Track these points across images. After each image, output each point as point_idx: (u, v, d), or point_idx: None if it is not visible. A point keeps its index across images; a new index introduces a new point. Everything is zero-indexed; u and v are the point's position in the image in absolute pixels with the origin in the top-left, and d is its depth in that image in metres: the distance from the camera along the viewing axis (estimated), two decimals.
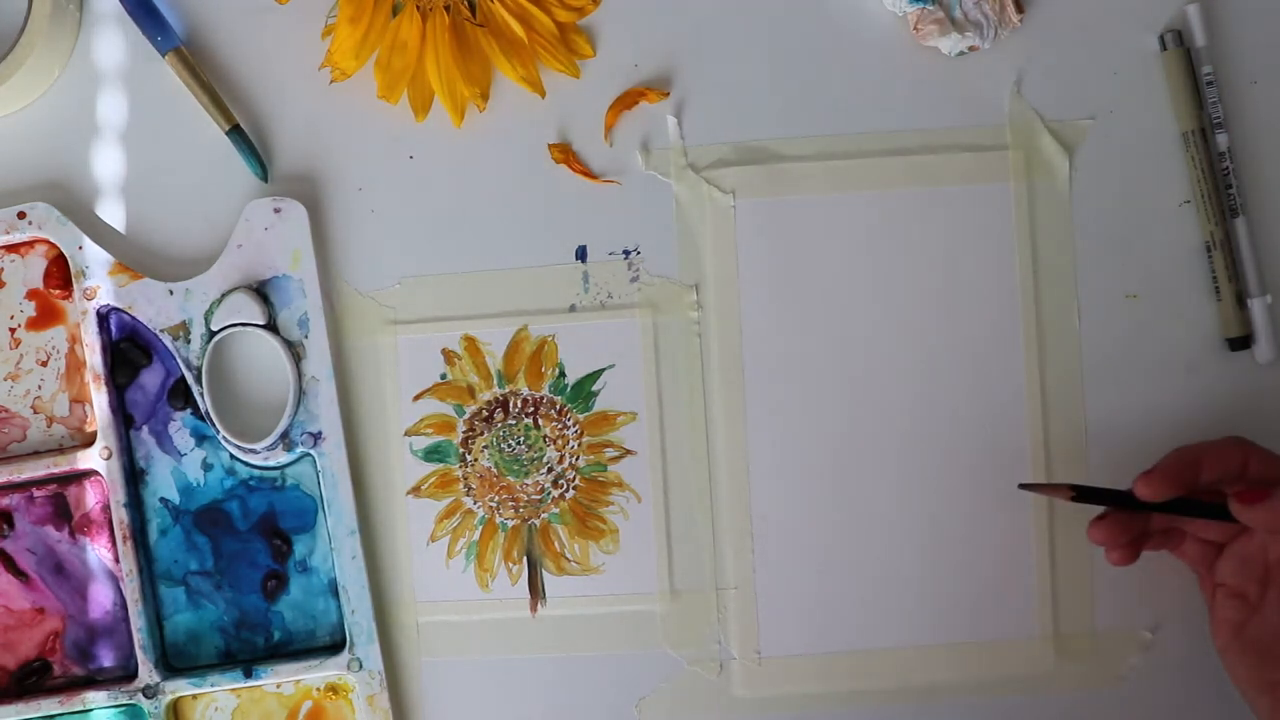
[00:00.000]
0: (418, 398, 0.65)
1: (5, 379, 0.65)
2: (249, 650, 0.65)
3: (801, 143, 0.65)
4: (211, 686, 0.63)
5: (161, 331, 0.64)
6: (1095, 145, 0.65)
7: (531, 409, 0.65)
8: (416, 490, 0.65)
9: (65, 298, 0.65)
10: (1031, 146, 0.65)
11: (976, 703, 0.65)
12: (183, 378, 0.64)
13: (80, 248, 0.64)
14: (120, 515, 0.63)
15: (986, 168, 0.65)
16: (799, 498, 0.65)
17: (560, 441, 0.65)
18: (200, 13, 0.65)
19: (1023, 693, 0.65)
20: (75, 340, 0.65)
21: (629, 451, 0.65)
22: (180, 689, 0.63)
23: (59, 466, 0.64)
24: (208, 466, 0.65)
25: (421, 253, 0.65)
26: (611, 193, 0.65)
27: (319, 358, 0.64)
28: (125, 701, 0.63)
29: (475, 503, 0.65)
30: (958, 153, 0.65)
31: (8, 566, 0.65)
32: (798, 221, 0.65)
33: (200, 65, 0.64)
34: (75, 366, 0.65)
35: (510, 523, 0.65)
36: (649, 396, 0.65)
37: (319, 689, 0.65)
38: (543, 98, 0.65)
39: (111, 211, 0.65)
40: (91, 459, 0.64)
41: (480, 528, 0.65)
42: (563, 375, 0.65)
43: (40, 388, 0.65)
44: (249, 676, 0.63)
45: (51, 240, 0.64)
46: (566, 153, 0.65)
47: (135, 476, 0.64)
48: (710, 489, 0.65)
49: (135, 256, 0.65)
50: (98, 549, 0.65)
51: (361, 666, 0.64)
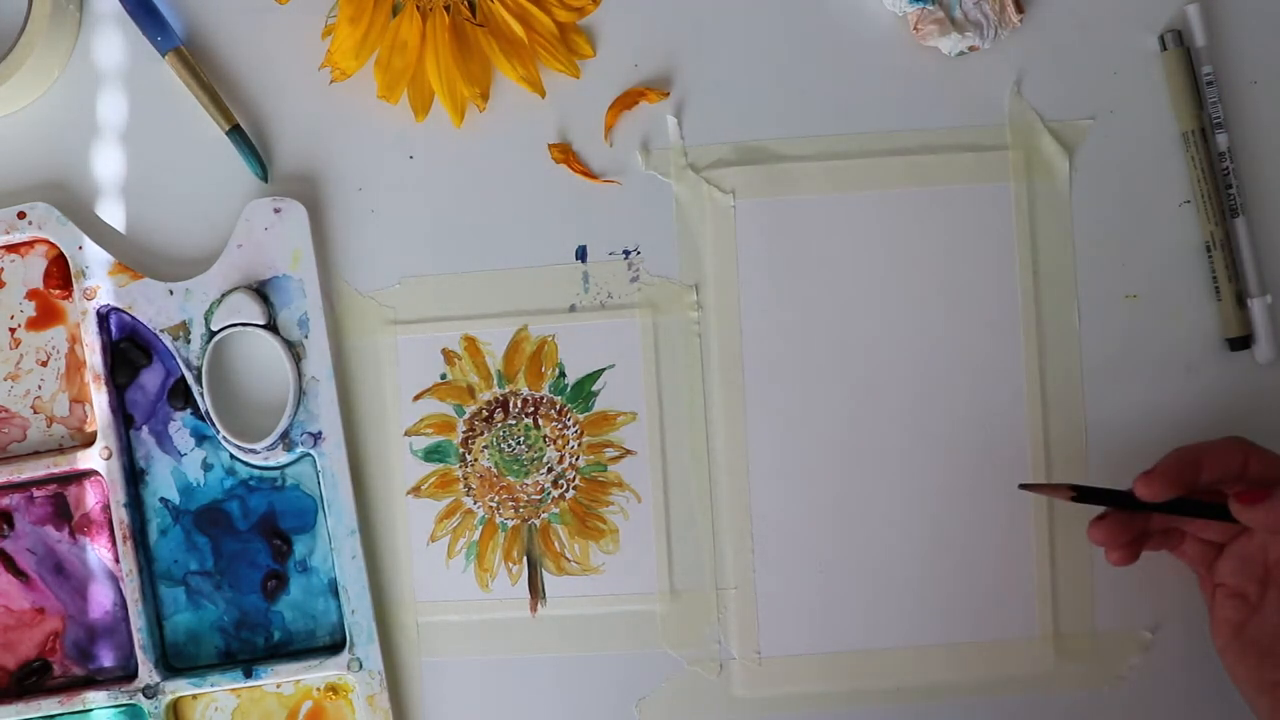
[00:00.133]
0: (418, 398, 0.65)
1: (5, 379, 0.65)
2: (249, 650, 0.65)
3: (801, 143, 0.65)
4: (211, 686, 0.63)
5: (161, 331, 0.64)
6: (1095, 145, 0.65)
7: (531, 409, 0.65)
8: (416, 490, 0.65)
9: (65, 298, 0.65)
10: (1031, 146, 0.65)
11: (976, 703, 0.65)
12: (183, 378, 0.64)
13: (80, 248, 0.64)
14: (120, 515, 0.63)
15: (986, 168, 0.65)
16: (799, 498, 0.65)
17: (560, 441, 0.65)
18: (200, 13, 0.65)
19: (1023, 693, 0.65)
20: (75, 340, 0.65)
21: (629, 451, 0.65)
22: (180, 689, 0.63)
23: (59, 466, 0.64)
24: (208, 466, 0.65)
25: (421, 253, 0.65)
26: (611, 193, 0.65)
27: (319, 358, 0.64)
28: (125, 701, 0.63)
29: (475, 503, 0.65)
30: (958, 153, 0.65)
31: (8, 566, 0.65)
32: (798, 221, 0.65)
33: (200, 65, 0.64)
34: (75, 366, 0.65)
35: (510, 523, 0.65)
36: (649, 396, 0.65)
37: (319, 689, 0.65)
38: (543, 98, 0.65)
39: (111, 211, 0.65)
40: (91, 459, 0.64)
41: (480, 528, 0.65)
42: (563, 375, 0.65)
43: (40, 388, 0.65)
44: (249, 676, 0.63)
45: (51, 240, 0.64)
46: (566, 153, 0.65)
47: (135, 476, 0.64)
48: (710, 489, 0.65)
49: (135, 256, 0.65)
50: (98, 549, 0.65)
51: (361, 666, 0.64)
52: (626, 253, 0.65)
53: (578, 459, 0.65)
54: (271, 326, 0.64)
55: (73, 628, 0.65)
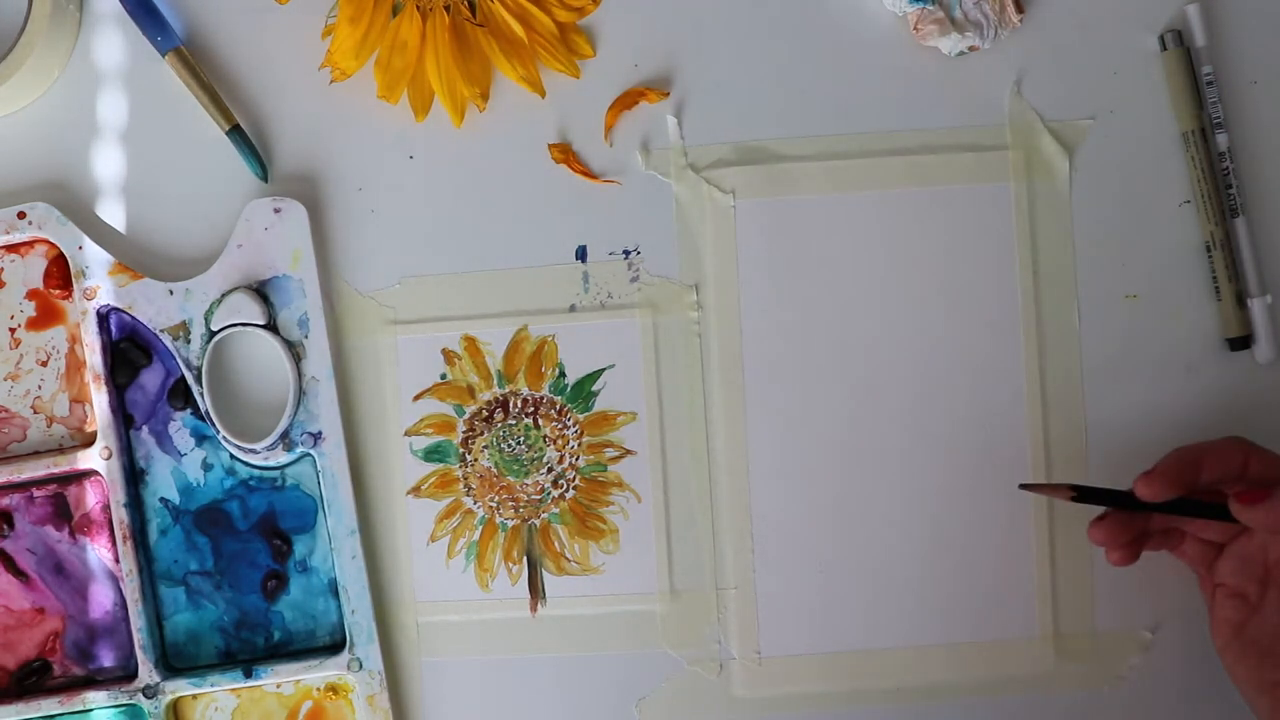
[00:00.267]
0: (418, 398, 0.65)
1: (5, 379, 0.65)
2: (249, 650, 0.65)
3: (801, 143, 0.65)
4: (211, 686, 0.63)
5: (161, 331, 0.64)
6: (1095, 145, 0.65)
7: (531, 409, 0.65)
8: (416, 490, 0.65)
9: (65, 298, 0.65)
10: (1031, 146, 0.65)
11: (976, 703, 0.65)
12: (183, 378, 0.64)
13: (80, 248, 0.64)
14: (120, 515, 0.63)
15: (986, 168, 0.65)
16: (799, 498, 0.65)
17: (560, 441, 0.65)
18: (200, 13, 0.65)
19: (1023, 693, 0.65)
20: (75, 340, 0.65)
21: (629, 451, 0.65)
22: (180, 689, 0.63)
23: (59, 466, 0.64)
24: (208, 466, 0.65)
25: (421, 253, 0.65)
26: (611, 193, 0.65)
27: (319, 358, 0.64)
28: (125, 701, 0.63)
29: (475, 503, 0.65)
30: (958, 153, 0.65)
31: (8, 566, 0.65)
32: (798, 221, 0.65)
33: (200, 65, 0.64)
34: (75, 366, 0.65)
35: (510, 523, 0.65)
36: (649, 396, 0.65)
37: (319, 689, 0.65)
38: (543, 98, 0.65)
39: (111, 211, 0.65)
40: (91, 459, 0.64)
41: (480, 528, 0.65)
42: (563, 375, 0.65)
43: (40, 388, 0.65)
44: (249, 676, 0.63)
45: (51, 240, 0.64)
46: (566, 153, 0.65)
47: (135, 476, 0.64)
48: (710, 489, 0.65)
49: (135, 256, 0.65)
50: (98, 549, 0.65)
51: (361, 666, 0.64)
52: (626, 253, 0.65)
53: (578, 459, 0.65)
54: (271, 326, 0.64)
55: (73, 628, 0.65)
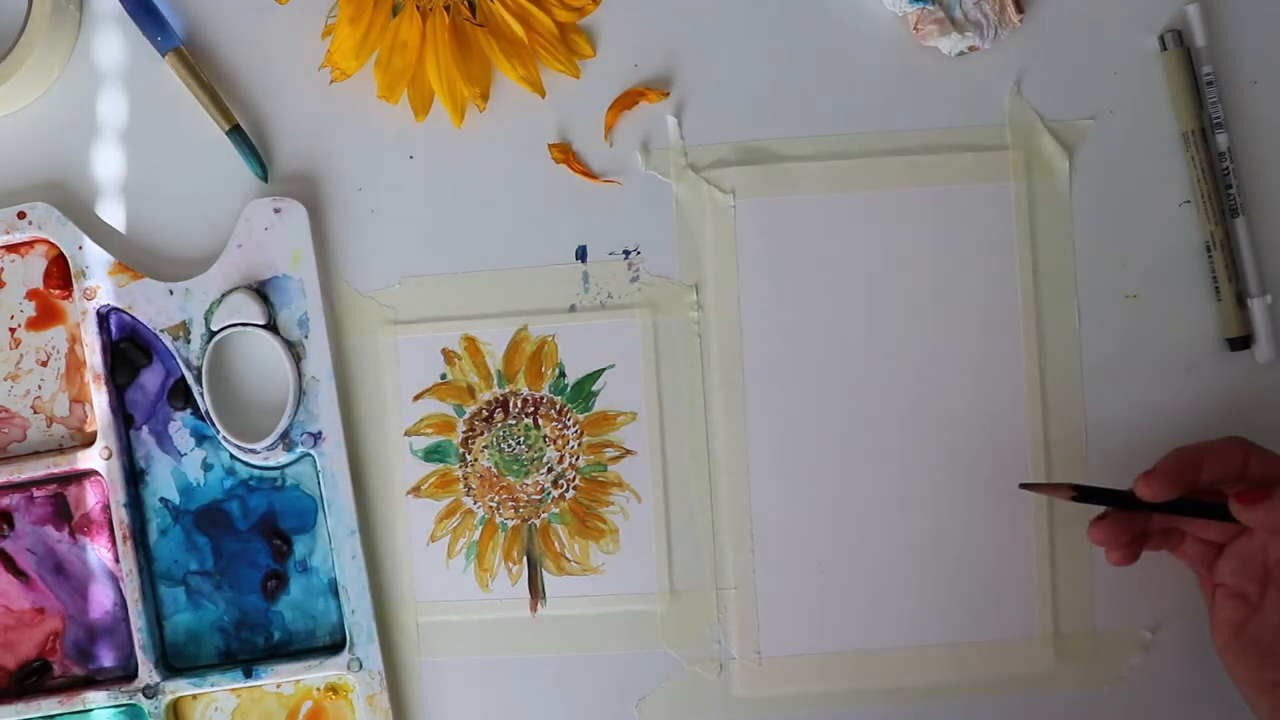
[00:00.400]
0: (418, 398, 0.65)
1: (5, 379, 0.65)
2: (249, 650, 0.65)
3: (801, 143, 0.65)
4: (211, 686, 0.63)
5: (161, 331, 0.64)
6: (1095, 145, 0.65)
7: (531, 409, 0.65)
8: (416, 490, 0.65)
9: (65, 298, 0.65)
10: (1031, 146, 0.65)
11: (976, 703, 0.65)
12: (183, 378, 0.64)
13: (80, 248, 0.64)
14: (120, 515, 0.63)
15: (986, 168, 0.65)
16: (799, 498, 0.65)
17: (560, 441, 0.65)
18: (200, 13, 0.65)
19: (1023, 693, 0.65)
20: (75, 340, 0.65)
21: (629, 451, 0.65)
22: (180, 689, 0.63)
23: (59, 466, 0.64)
24: (208, 466, 0.65)
25: (421, 253, 0.65)
26: (611, 193, 0.65)
27: (319, 358, 0.64)
28: (125, 701, 0.63)
29: (475, 503, 0.65)
30: (958, 153, 0.65)
31: (8, 566, 0.65)
32: (798, 221, 0.65)
33: (200, 65, 0.64)
34: (75, 366, 0.65)
35: (510, 523, 0.65)
36: (649, 396, 0.65)
37: (319, 689, 0.65)
38: (543, 98, 0.65)
39: (111, 211, 0.65)
40: (91, 459, 0.64)
41: (480, 528, 0.65)
42: (563, 375, 0.65)
43: (40, 388, 0.65)
44: (249, 676, 0.63)
45: (51, 240, 0.64)
46: (566, 153, 0.65)
47: (135, 476, 0.64)
48: (710, 489, 0.65)
49: (135, 256, 0.65)
50: (98, 549, 0.65)
51: (361, 666, 0.64)
52: (626, 253, 0.65)
53: (578, 459, 0.65)
54: (271, 326, 0.64)
55: (73, 628, 0.65)
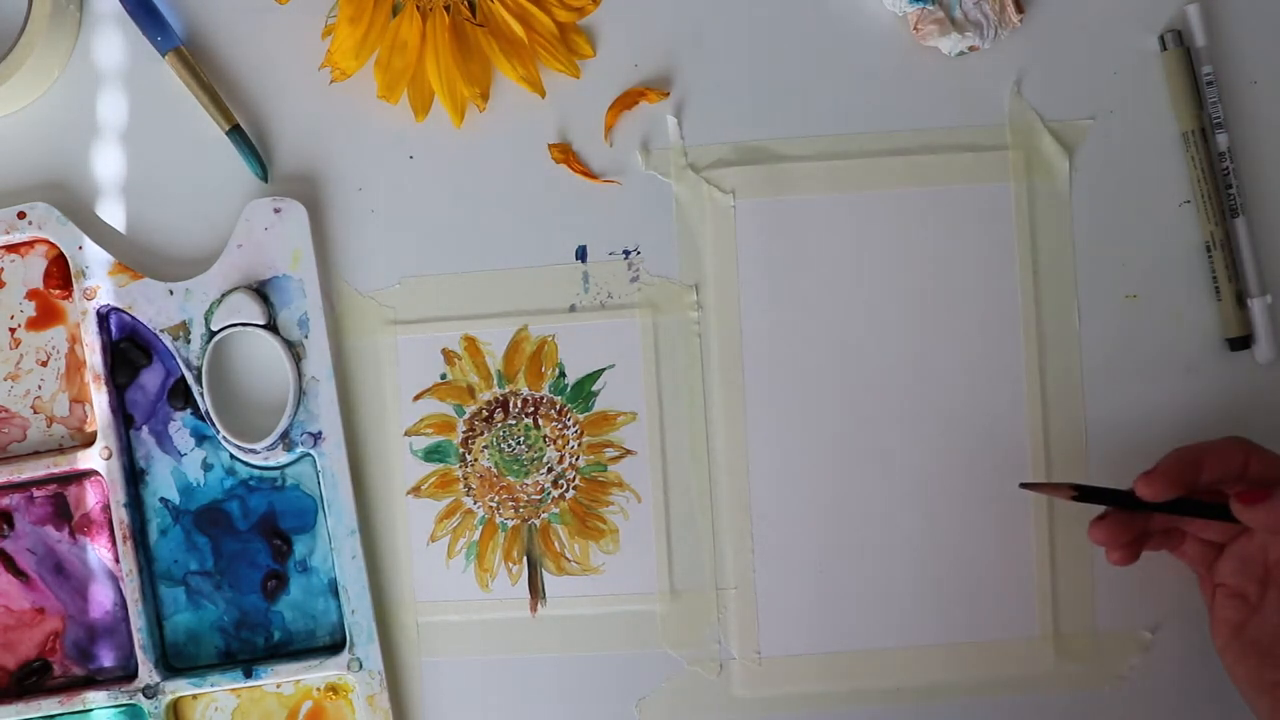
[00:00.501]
0: (418, 398, 0.65)
1: (5, 379, 0.65)
2: (249, 650, 0.65)
3: (801, 143, 0.65)
4: (211, 686, 0.63)
5: (161, 331, 0.64)
6: (1095, 145, 0.65)
7: (531, 409, 0.65)
8: (416, 490, 0.65)
9: (65, 298, 0.65)
10: (1031, 146, 0.65)
11: (976, 703, 0.65)
12: (183, 378, 0.64)
13: (80, 248, 0.64)
14: (120, 515, 0.63)
15: (986, 168, 0.65)
16: (799, 498, 0.65)
17: (560, 441, 0.65)
18: (200, 13, 0.65)
19: (1023, 693, 0.65)
20: (75, 340, 0.65)
21: (629, 451, 0.65)
22: (180, 689, 0.63)
23: (59, 466, 0.64)
24: (208, 466, 0.65)
25: (421, 253, 0.65)
26: (611, 193, 0.65)
27: (319, 358, 0.64)
28: (125, 701, 0.63)
29: (475, 503, 0.65)
30: (958, 153, 0.65)
31: (8, 566, 0.65)
32: (798, 221, 0.65)
33: (200, 65, 0.64)
34: (75, 366, 0.65)
35: (510, 523, 0.65)
36: (649, 396, 0.65)
37: (319, 689, 0.65)
38: (543, 98, 0.65)
39: (111, 211, 0.65)
40: (91, 459, 0.64)
41: (480, 528, 0.65)
42: (563, 375, 0.65)
43: (40, 388, 0.65)
44: (249, 676, 0.63)
45: (51, 240, 0.64)
46: (566, 153, 0.65)
47: (135, 476, 0.64)
48: (710, 489, 0.65)
49: (135, 256, 0.65)
50: (98, 549, 0.65)
51: (361, 666, 0.64)
52: (626, 253, 0.65)
53: (578, 459, 0.65)
54: (271, 326, 0.64)
55: (73, 628, 0.65)
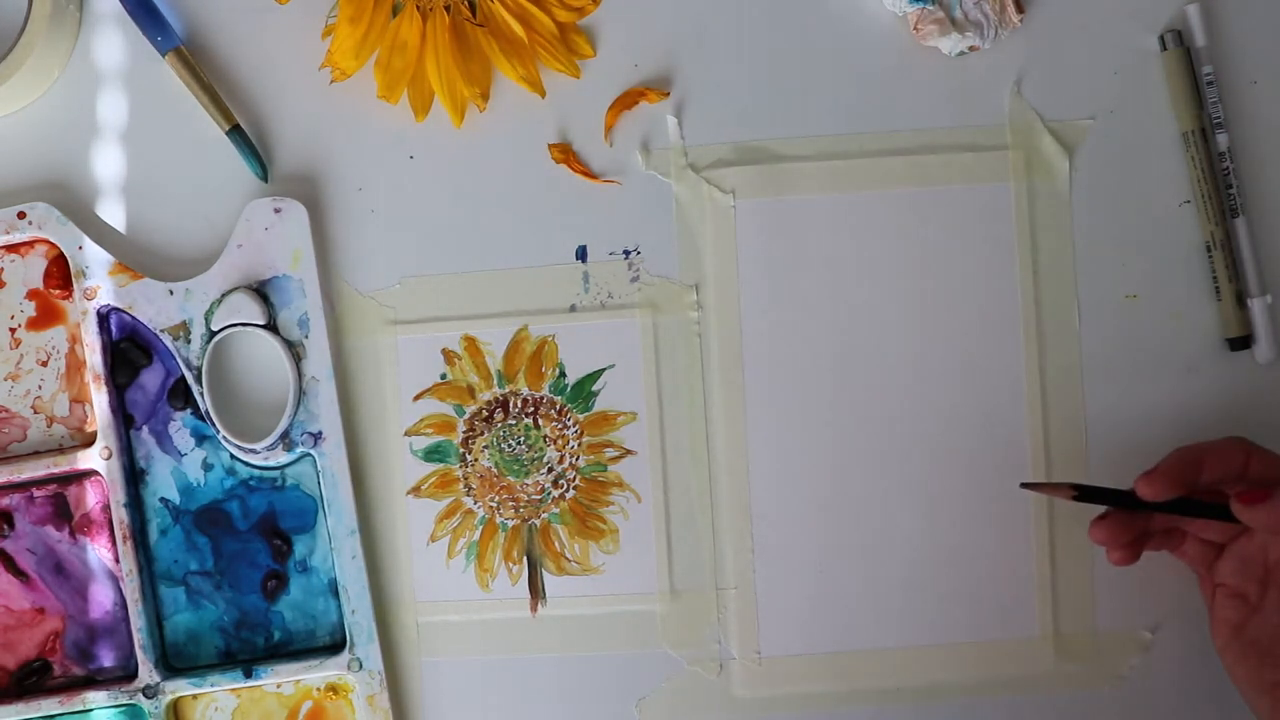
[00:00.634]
0: (418, 398, 0.65)
1: (5, 379, 0.65)
2: (249, 650, 0.65)
3: (801, 143, 0.65)
4: (211, 686, 0.63)
5: (161, 331, 0.64)
6: (1095, 145, 0.65)
7: (531, 409, 0.65)
8: (416, 490, 0.65)
9: (65, 298, 0.65)
10: (1031, 146, 0.65)
11: (976, 703, 0.65)
12: (183, 378, 0.64)
13: (80, 248, 0.64)
14: (120, 515, 0.63)
15: (986, 168, 0.65)
16: (799, 498, 0.65)
17: (560, 441, 0.65)
18: (200, 13, 0.65)
19: (1023, 693, 0.65)
20: (75, 340, 0.65)
21: (629, 451, 0.65)
22: (180, 689, 0.63)
23: (59, 466, 0.64)
24: (208, 466, 0.65)
25: (421, 253, 0.65)
26: (611, 193, 0.65)
27: (319, 358, 0.64)
28: (125, 701, 0.63)
29: (475, 503, 0.65)
30: (958, 153, 0.65)
31: (8, 566, 0.65)
32: (798, 221, 0.65)
33: (200, 65, 0.64)
34: (75, 366, 0.65)
35: (510, 523, 0.65)
36: (649, 396, 0.65)
37: (319, 689, 0.65)
38: (543, 98, 0.65)
39: (111, 211, 0.65)
40: (91, 459, 0.64)
41: (480, 528, 0.65)
42: (563, 375, 0.65)
43: (40, 388, 0.65)
44: (249, 676, 0.63)
45: (51, 240, 0.64)
46: (566, 153, 0.65)
47: (135, 476, 0.64)
48: (710, 489, 0.65)
49: (135, 256, 0.65)
50: (98, 549, 0.65)
51: (361, 666, 0.64)
52: (626, 253, 0.65)
53: (578, 459, 0.65)
54: (271, 326, 0.64)
55: (73, 628, 0.65)
